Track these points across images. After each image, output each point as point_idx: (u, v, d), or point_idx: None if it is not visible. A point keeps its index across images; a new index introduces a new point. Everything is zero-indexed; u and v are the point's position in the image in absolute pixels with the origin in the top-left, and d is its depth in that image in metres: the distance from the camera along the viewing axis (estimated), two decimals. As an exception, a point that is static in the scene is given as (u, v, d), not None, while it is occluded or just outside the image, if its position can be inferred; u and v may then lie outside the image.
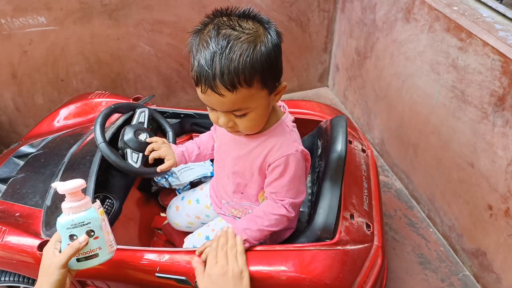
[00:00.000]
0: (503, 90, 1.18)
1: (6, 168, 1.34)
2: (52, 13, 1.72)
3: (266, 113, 0.86)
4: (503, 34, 1.21)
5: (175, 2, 1.86)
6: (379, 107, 1.91)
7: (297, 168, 0.92)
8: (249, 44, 0.73)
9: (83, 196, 0.85)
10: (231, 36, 0.73)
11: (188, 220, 1.27)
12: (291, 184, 0.93)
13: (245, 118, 0.82)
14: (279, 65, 0.81)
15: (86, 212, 0.83)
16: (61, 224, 0.83)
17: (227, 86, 0.73)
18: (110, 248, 0.88)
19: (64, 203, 0.83)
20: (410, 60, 1.59)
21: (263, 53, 0.74)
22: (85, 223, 0.83)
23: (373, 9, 1.80)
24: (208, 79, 0.74)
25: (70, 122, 1.51)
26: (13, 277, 1.15)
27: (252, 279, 0.88)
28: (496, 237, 1.32)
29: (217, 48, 0.72)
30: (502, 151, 1.23)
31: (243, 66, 0.72)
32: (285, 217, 0.95)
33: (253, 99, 0.79)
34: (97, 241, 0.85)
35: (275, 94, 0.85)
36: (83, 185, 0.83)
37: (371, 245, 1.04)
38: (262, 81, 0.77)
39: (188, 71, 2.13)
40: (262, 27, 0.77)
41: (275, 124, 0.92)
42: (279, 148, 0.90)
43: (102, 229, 0.86)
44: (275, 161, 0.90)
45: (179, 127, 1.49)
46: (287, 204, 0.94)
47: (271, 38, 0.76)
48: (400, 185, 1.85)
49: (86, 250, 0.85)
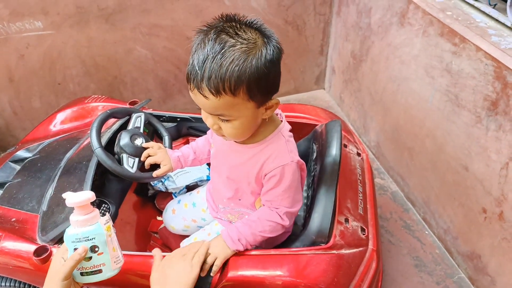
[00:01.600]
0: (496, 94, 1.19)
1: (2, 172, 1.34)
2: (49, 18, 1.72)
3: (252, 124, 0.86)
4: (496, 39, 1.22)
5: (171, 6, 1.87)
6: (375, 110, 1.92)
7: (293, 178, 0.93)
8: (242, 54, 0.74)
9: (92, 209, 0.83)
10: (227, 43, 0.74)
11: (184, 223, 1.28)
12: (286, 193, 0.94)
13: (229, 124, 0.83)
14: (270, 80, 0.80)
15: (91, 227, 0.82)
16: (67, 237, 0.82)
17: (212, 90, 0.75)
18: (115, 264, 0.86)
19: (72, 215, 0.82)
20: (405, 63, 1.60)
21: (252, 65, 0.74)
22: (89, 238, 0.81)
23: (369, 13, 1.81)
24: (196, 79, 0.76)
25: (67, 127, 1.51)
26: (9, 283, 1.15)
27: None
28: (490, 240, 1.33)
29: (211, 52, 0.74)
30: (496, 155, 1.24)
31: (230, 74, 0.73)
32: (280, 225, 0.96)
33: (237, 108, 0.79)
34: (101, 257, 0.83)
35: (265, 108, 0.85)
36: (92, 198, 0.81)
37: (366, 249, 1.05)
38: (248, 93, 0.77)
39: (185, 75, 2.14)
40: (261, 40, 0.77)
41: (272, 134, 0.93)
42: (274, 158, 0.91)
43: (107, 245, 0.83)
44: (270, 171, 0.91)
45: (175, 131, 1.49)
46: (281, 213, 0.95)
47: (267, 52, 0.76)
48: (396, 188, 1.86)
49: (90, 265, 0.83)
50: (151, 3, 1.83)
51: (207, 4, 1.91)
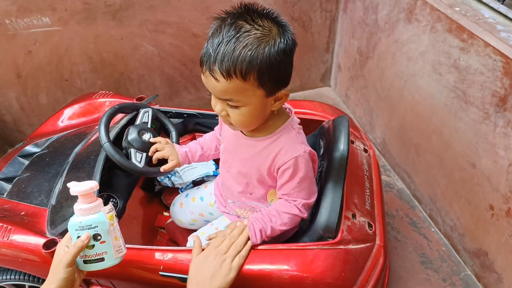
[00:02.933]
0: (505, 90, 1.19)
1: (11, 167, 1.35)
2: (56, 14, 1.73)
3: (260, 114, 0.86)
4: (505, 35, 1.22)
5: (178, 2, 1.87)
6: (381, 107, 1.91)
7: (307, 169, 0.93)
8: (256, 40, 0.75)
9: (95, 198, 0.84)
10: (243, 28, 0.75)
11: (192, 217, 1.28)
12: (302, 185, 0.94)
13: (237, 110, 0.83)
14: (281, 70, 0.80)
15: (94, 215, 0.83)
16: (71, 225, 0.83)
17: (223, 72, 0.76)
18: (117, 253, 0.87)
19: (76, 204, 0.84)
20: (412, 60, 1.60)
21: (265, 52, 0.75)
22: (92, 226, 0.83)
23: (375, 9, 1.80)
24: (209, 61, 0.77)
25: (74, 122, 1.52)
26: (18, 275, 1.16)
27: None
28: (497, 237, 1.33)
29: (226, 36, 0.75)
30: (504, 151, 1.24)
31: (242, 58, 0.74)
32: (298, 216, 0.97)
33: (246, 94, 0.79)
34: (104, 245, 0.85)
35: (274, 99, 0.85)
36: (95, 187, 0.83)
37: (373, 245, 1.05)
38: (258, 80, 0.78)
39: (190, 71, 2.15)
40: (277, 29, 0.78)
41: (281, 126, 0.93)
42: (286, 150, 0.91)
43: (109, 233, 0.85)
44: (284, 163, 0.91)
45: (182, 127, 1.50)
46: (299, 205, 0.95)
47: (280, 41, 0.77)
48: (402, 185, 1.85)
49: (93, 253, 0.85)
50: (157, 0, 1.83)
51: (214, 1, 1.91)
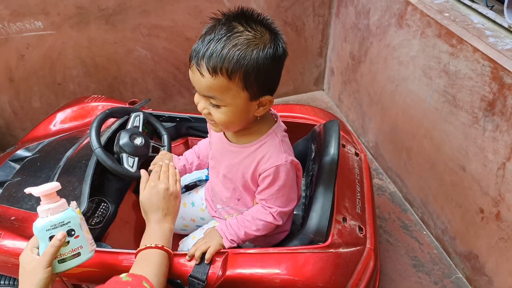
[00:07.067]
0: (493, 95, 1.20)
1: (2, 172, 1.35)
2: (49, 18, 1.73)
3: (243, 116, 0.86)
4: (493, 40, 1.23)
5: (171, 7, 1.88)
6: (373, 111, 1.93)
7: (287, 178, 0.93)
8: (246, 41, 0.76)
9: (59, 198, 0.85)
10: (235, 29, 0.77)
11: (183, 222, 1.29)
12: (280, 193, 0.95)
13: (219, 109, 0.83)
14: (268, 76, 0.81)
15: (64, 212, 0.84)
16: (39, 228, 0.83)
17: (209, 68, 0.77)
18: (91, 246, 0.89)
19: (40, 206, 0.84)
20: (403, 64, 1.61)
21: (253, 55, 0.76)
22: (65, 222, 0.84)
23: (367, 14, 1.82)
24: (197, 56, 0.78)
25: (67, 126, 1.51)
26: (8, 281, 1.15)
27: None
28: (487, 240, 1.34)
29: (218, 34, 0.77)
30: (493, 155, 1.25)
31: (230, 57, 0.76)
32: (272, 224, 0.98)
33: (229, 93, 0.80)
34: (78, 240, 0.86)
35: (258, 105, 0.85)
36: (58, 186, 0.84)
37: (363, 248, 1.05)
38: (244, 81, 0.78)
39: (184, 75, 2.16)
40: (269, 36, 0.79)
41: (266, 134, 0.93)
42: (269, 158, 0.92)
43: (81, 227, 0.86)
44: (265, 171, 0.92)
45: (174, 131, 1.50)
46: (275, 213, 0.97)
47: (270, 47, 0.78)
48: (394, 188, 1.87)
49: (68, 250, 0.85)
50: (151, 4, 1.84)
51: (207, 6, 1.92)
